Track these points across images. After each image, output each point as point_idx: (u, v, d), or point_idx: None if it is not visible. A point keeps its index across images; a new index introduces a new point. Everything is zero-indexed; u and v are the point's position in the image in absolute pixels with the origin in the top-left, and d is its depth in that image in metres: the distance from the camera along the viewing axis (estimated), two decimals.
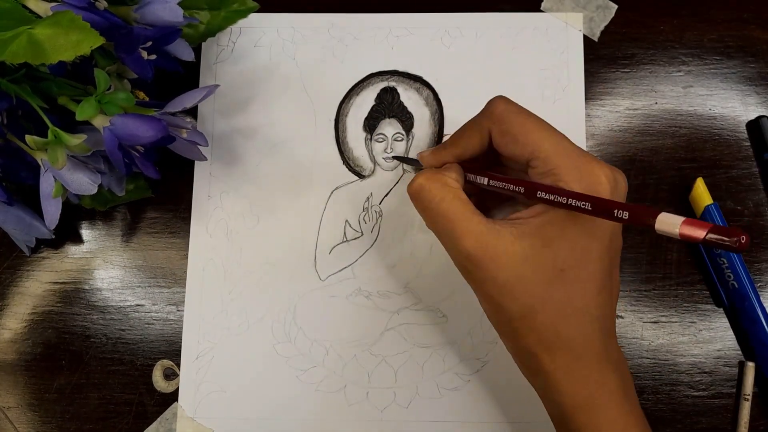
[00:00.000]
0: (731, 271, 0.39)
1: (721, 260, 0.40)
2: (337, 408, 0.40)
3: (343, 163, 0.43)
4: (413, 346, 0.41)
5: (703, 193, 0.40)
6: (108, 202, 0.41)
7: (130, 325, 0.42)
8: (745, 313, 0.39)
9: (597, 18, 0.44)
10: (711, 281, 0.41)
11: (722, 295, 0.40)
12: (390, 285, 0.41)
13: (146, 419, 0.40)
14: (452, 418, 0.40)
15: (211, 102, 0.43)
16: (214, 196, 0.42)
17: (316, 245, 0.42)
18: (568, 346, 0.31)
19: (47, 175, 0.35)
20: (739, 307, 0.40)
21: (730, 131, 0.43)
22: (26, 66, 0.34)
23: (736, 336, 0.41)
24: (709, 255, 0.40)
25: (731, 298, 0.40)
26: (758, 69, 0.43)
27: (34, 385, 0.41)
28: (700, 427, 0.40)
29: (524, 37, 0.43)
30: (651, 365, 0.40)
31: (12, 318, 0.42)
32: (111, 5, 0.34)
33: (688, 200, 0.41)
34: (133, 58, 0.35)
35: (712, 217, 0.39)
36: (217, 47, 0.44)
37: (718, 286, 0.40)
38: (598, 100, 0.43)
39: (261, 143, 0.43)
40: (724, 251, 0.39)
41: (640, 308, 0.41)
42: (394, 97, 0.43)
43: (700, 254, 0.41)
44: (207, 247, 0.42)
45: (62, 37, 0.30)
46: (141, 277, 0.42)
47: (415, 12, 0.44)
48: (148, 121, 0.33)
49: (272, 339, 0.41)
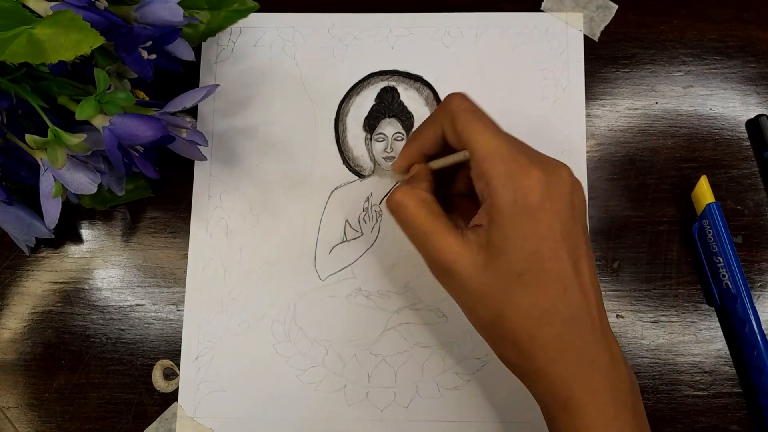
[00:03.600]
0: (726, 269, 0.39)
1: (717, 259, 0.40)
2: (337, 408, 0.40)
3: (343, 163, 0.43)
4: (413, 346, 0.41)
5: (706, 191, 0.40)
6: (108, 202, 0.41)
7: (129, 325, 0.42)
8: (736, 314, 0.39)
9: (597, 18, 0.44)
10: (705, 280, 0.41)
11: (715, 294, 0.40)
12: (390, 285, 0.41)
13: (146, 419, 0.40)
14: (452, 418, 0.40)
15: (211, 102, 0.43)
16: (214, 196, 0.42)
17: (316, 245, 0.42)
18: (543, 349, 0.31)
19: (47, 175, 0.35)
20: (730, 307, 0.39)
21: (730, 131, 0.43)
22: (26, 65, 0.34)
23: (726, 337, 0.40)
24: (706, 253, 0.40)
25: (723, 298, 0.40)
26: (758, 69, 0.43)
27: (33, 385, 0.41)
28: (700, 427, 0.40)
29: (524, 37, 0.43)
30: (651, 365, 0.40)
31: (12, 318, 0.42)
32: (111, 5, 0.34)
33: (688, 200, 0.41)
34: (133, 57, 0.35)
35: (712, 216, 0.39)
36: (217, 47, 0.44)
37: (712, 285, 0.40)
38: (599, 100, 0.43)
39: (261, 143, 0.43)
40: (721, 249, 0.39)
41: (640, 308, 0.41)
42: (395, 97, 0.43)
43: (697, 252, 0.41)
44: (207, 247, 0.42)
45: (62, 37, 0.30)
46: (141, 277, 0.42)
47: (415, 12, 0.44)
48: (147, 121, 0.33)
49: (272, 339, 0.41)
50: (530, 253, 0.30)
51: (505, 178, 0.31)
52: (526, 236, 0.30)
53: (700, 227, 0.40)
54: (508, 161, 0.31)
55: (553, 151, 0.42)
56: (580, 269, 0.31)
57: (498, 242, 0.31)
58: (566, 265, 0.31)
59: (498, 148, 0.31)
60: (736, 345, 0.40)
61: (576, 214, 0.32)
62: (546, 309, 0.30)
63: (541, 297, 0.30)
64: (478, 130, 0.32)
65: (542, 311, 0.30)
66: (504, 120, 0.42)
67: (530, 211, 0.30)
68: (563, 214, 0.31)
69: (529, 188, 0.30)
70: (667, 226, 0.42)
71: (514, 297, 0.31)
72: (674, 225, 0.42)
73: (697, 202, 0.40)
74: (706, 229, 0.40)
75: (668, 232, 0.42)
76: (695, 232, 0.40)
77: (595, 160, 0.42)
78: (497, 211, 0.31)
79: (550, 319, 0.30)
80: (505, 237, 0.31)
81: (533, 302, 0.30)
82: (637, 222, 0.42)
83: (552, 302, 0.30)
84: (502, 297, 0.31)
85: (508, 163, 0.31)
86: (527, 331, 0.31)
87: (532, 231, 0.30)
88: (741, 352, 0.39)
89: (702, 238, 0.40)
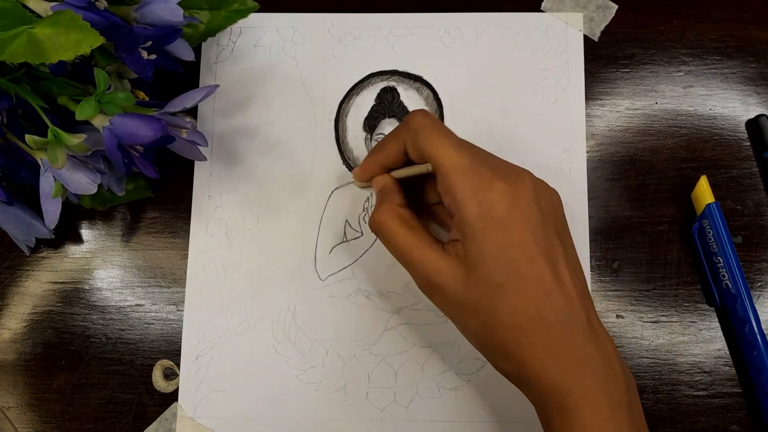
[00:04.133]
0: (726, 270, 0.39)
1: (717, 259, 0.40)
2: (337, 408, 0.40)
3: (343, 163, 0.43)
4: (413, 346, 0.41)
5: (706, 192, 0.40)
6: (108, 202, 0.41)
7: (129, 325, 0.42)
8: (736, 314, 0.39)
9: (597, 18, 0.44)
10: (705, 280, 0.41)
11: (715, 294, 0.40)
12: (390, 285, 0.41)
13: (146, 419, 0.40)
14: (452, 418, 0.40)
15: (211, 102, 0.43)
16: (214, 196, 0.42)
17: (316, 245, 0.42)
18: (532, 355, 0.31)
19: (47, 175, 0.35)
20: (730, 307, 0.39)
21: (730, 131, 0.43)
22: (26, 65, 0.34)
23: (726, 337, 0.40)
24: (705, 253, 0.40)
25: (723, 298, 0.40)
26: (758, 69, 0.43)
27: (34, 385, 0.41)
28: (700, 427, 0.40)
29: (524, 37, 0.43)
30: (651, 365, 0.40)
31: (12, 318, 0.42)
32: (111, 5, 0.34)
33: (688, 200, 0.41)
34: (133, 57, 0.35)
35: (712, 216, 0.39)
36: (217, 47, 0.44)
37: (712, 285, 0.40)
38: (598, 100, 0.43)
39: (261, 143, 0.43)
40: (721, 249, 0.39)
41: (640, 308, 0.41)
42: (394, 97, 0.43)
43: (697, 252, 0.41)
44: (207, 247, 0.42)
45: (62, 37, 0.30)
46: (141, 277, 0.42)
47: (415, 12, 0.44)
48: (147, 121, 0.33)
49: (272, 339, 0.41)
50: (506, 262, 0.31)
51: (470, 192, 0.31)
52: (500, 247, 0.31)
53: (700, 227, 0.40)
54: (471, 175, 0.32)
55: (553, 151, 0.42)
56: (560, 272, 0.31)
57: (474, 255, 0.31)
58: (544, 269, 0.31)
59: (460, 162, 0.32)
60: (736, 345, 0.40)
61: (546, 219, 0.32)
62: (530, 316, 0.31)
63: (524, 304, 0.31)
64: (440, 145, 0.33)
65: (527, 318, 0.31)
66: (504, 120, 0.42)
67: (499, 223, 0.31)
68: (533, 220, 0.31)
69: (495, 201, 0.31)
70: (667, 226, 0.42)
71: (498, 307, 0.31)
72: (674, 225, 0.42)
73: (697, 203, 0.40)
74: (706, 229, 0.40)
75: (668, 232, 0.42)
76: (695, 233, 0.40)
77: (595, 160, 0.42)
78: (467, 225, 0.31)
79: (536, 326, 0.31)
80: (479, 250, 0.31)
81: (517, 310, 0.31)
82: (637, 222, 0.42)
83: (535, 308, 0.31)
84: (487, 308, 0.31)
85: (471, 177, 0.32)
86: (515, 338, 0.31)
87: (504, 241, 0.31)
88: (741, 352, 0.39)
89: (702, 238, 0.40)
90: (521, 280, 0.31)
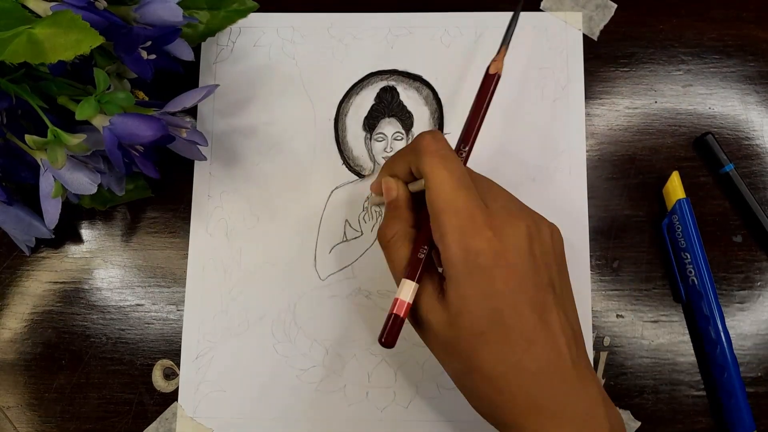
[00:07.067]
0: (693, 266, 0.39)
1: (684, 255, 0.39)
2: (337, 408, 0.40)
3: (343, 163, 0.43)
4: (413, 346, 0.41)
5: (677, 187, 0.40)
6: (108, 202, 0.41)
7: (129, 325, 0.42)
8: (701, 311, 0.39)
9: (596, 17, 0.44)
10: (672, 276, 0.41)
11: (681, 290, 0.40)
12: (390, 284, 0.41)
13: (146, 419, 0.40)
14: (452, 418, 0.40)
15: (211, 102, 0.43)
16: (214, 196, 0.42)
17: (316, 245, 0.42)
18: (512, 403, 0.30)
19: (47, 175, 0.35)
20: (696, 304, 0.39)
21: (730, 130, 0.43)
22: (26, 66, 0.34)
23: (691, 335, 0.40)
24: (674, 249, 0.40)
25: (689, 294, 0.40)
26: (758, 68, 0.43)
27: (33, 385, 0.41)
28: (700, 427, 0.40)
29: (524, 37, 0.43)
30: (651, 365, 0.40)
31: (12, 318, 0.42)
32: (111, 5, 0.34)
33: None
34: (132, 57, 0.35)
35: (682, 211, 0.39)
36: (216, 47, 0.44)
37: (678, 281, 0.40)
38: (598, 99, 0.43)
39: (261, 143, 0.43)
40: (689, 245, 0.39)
41: (640, 308, 0.41)
42: (394, 97, 0.43)
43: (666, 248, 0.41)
44: (207, 247, 0.42)
45: (62, 37, 0.30)
46: (141, 277, 0.42)
47: (414, 12, 0.44)
48: (147, 121, 0.33)
49: (272, 339, 0.41)
50: (489, 311, 0.30)
51: (458, 234, 0.30)
52: (483, 295, 0.30)
53: (670, 223, 0.40)
54: (463, 217, 0.30)
55: (553, 151, 0.42)
56: (548, 320, 0.30)
57: (457, 302, 0.30)
58: (529, 319, 0.30)
59: (455, 202, 0.31)
60: (699, 342, 0.40)
61: (539, 265, 0.31)
62: (512, 364, 0.30)
63: (506, 353, 0.30)
64: (439, 179, 0.31)
65: (508, 366, 0.30)
66: (503, 120, 0.42)
67: (483, 270, 0.30)
68: (521, 268, 0.30)
69: (480, 249, 0.30)
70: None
71: (479, 354, 0.30)
72: None
73: (668, 198, 0.40)
74: (675, 224, 0.40)
75: None
76: (664, 228, 0.40)
77: (594, 159, 0.42)
78: (452, 266, 0.30)
79: (518, 374, 0.30)
80: (462, 297, 0.30)
81: (498, 359, 0.30)
82: (637, 221, 0.42)
83: (517, 357, 0.30)
84: (469, 353, 0.30)
85: (462, 219, 0.30)
86: (495, 386, 0.30)
87: (488, 290, 0.30)
88: (704, 349, 0.39)
89: (671, 233, 0.40)
90: (504, 329, 0.30)
